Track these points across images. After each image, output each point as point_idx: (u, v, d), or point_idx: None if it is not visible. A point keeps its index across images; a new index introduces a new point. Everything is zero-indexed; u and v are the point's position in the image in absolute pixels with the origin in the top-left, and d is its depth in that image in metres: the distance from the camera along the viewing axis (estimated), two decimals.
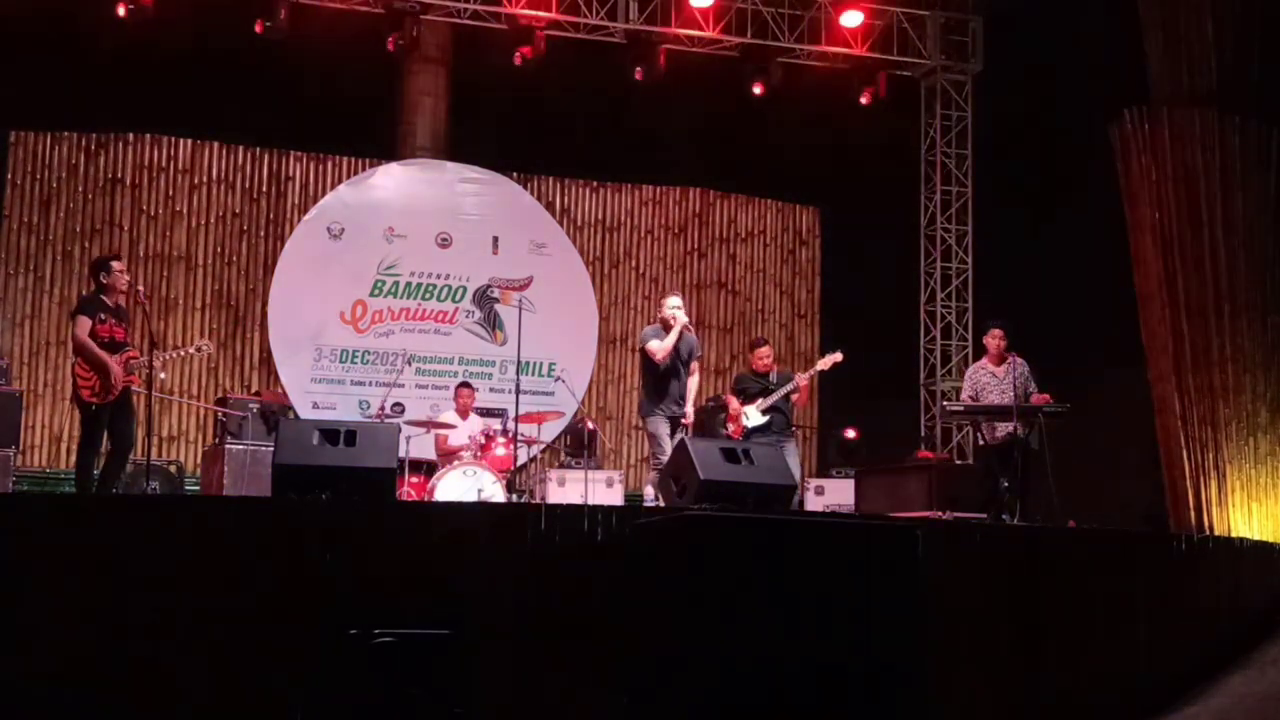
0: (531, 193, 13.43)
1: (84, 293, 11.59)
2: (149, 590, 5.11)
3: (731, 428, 9.10)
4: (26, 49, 10.99)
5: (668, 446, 8.02)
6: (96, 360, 7.35)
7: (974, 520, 8.86)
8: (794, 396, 9.01)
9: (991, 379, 8.94)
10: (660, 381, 8.31)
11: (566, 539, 5.54)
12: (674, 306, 8.43)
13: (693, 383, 8.51)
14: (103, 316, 7.50)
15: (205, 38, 11.36)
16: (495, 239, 12.95)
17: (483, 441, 9.79)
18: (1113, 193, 10.61)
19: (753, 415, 8.90)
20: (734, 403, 9.15)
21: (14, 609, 4.99)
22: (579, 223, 13.88)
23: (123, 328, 7.64)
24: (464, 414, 10.38)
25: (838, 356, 9.01)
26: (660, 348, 8.26)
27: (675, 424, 8.31)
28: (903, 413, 13.10)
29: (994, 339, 8.99)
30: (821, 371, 9.13)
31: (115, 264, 7.68)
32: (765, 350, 9.17)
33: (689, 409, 8.43)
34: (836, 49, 12.72)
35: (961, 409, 9.41)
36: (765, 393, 8.93)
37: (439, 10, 12.09)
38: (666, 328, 8.38)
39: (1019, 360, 8.94)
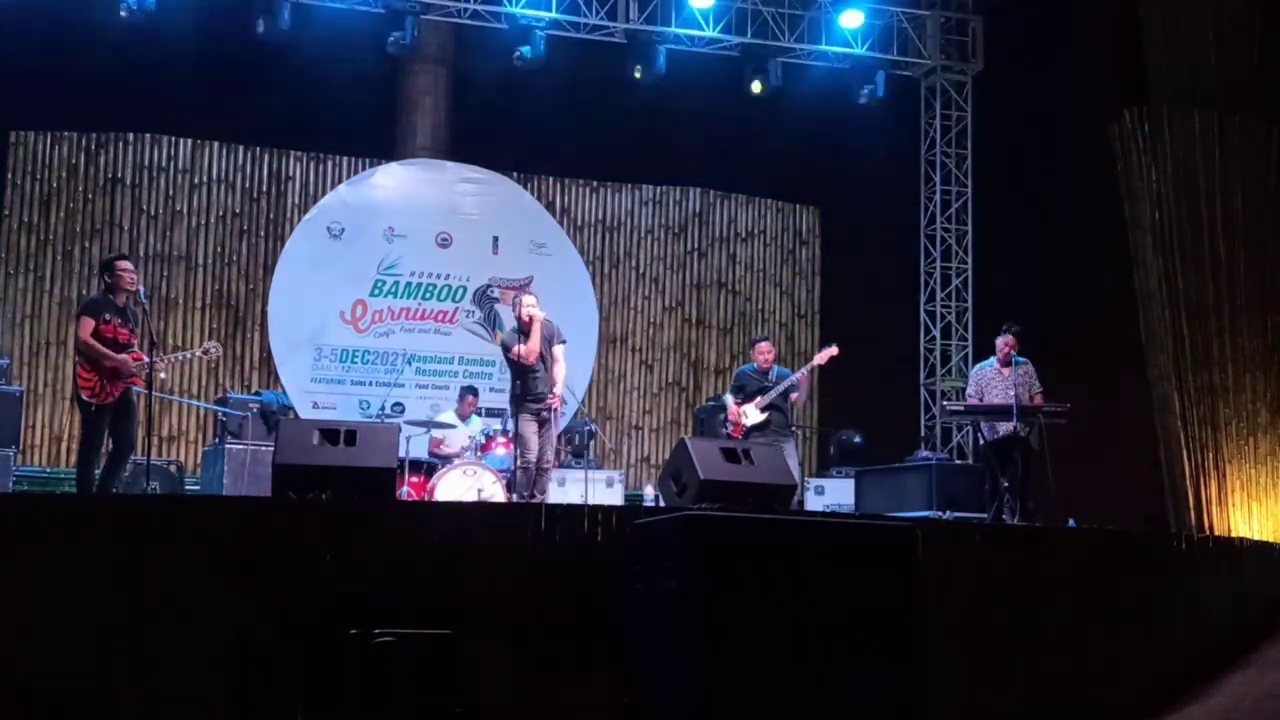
0: (531, 193, 13.42)
1: (85, 293, 11.64)
2: (149, 590, 5.11)
3: (731, 428, 9.13)
4: (26, 49, 10.98)
5: (534, 446, 8.39)
6: (103, 360, 7.30)
7: (974, 520, 8.88)
8: (793, 395, 9.04)
9: (997, 376, 9.01)
10: (527, 379, 8.52)
11: (566, 539, 5.54)
12: (529, 305, 8.65)
13: (559, 367, 8.70)
14: (107, 317, 7.40)
15: (205, 38, 11.36)
16: (495, 239, 12.92)
17: (482, 442, 9.80)
18: (1113, 192, 10.60)
19: (751, 413, 8.96)
20: (732, 404, 9.17)
21: (14, 609, 4.98)
22: (579, 223, 13.89)
23: (128, 328, 7.54)
24: (464, 417, 10.39)
25: (833, 350, 9.03)
26: (525, 350, 8.48)
27: (543, 422, 8.54)
28: (903, 413, 13.10)
29: (1005, 344, 9.00)
30: (820, 366, 9.15)
31: (120, 264, 7.62)
32: (765, 346, 9.22)
33: (558, 389, 8.65)
34: (836, 49, 12.72)
35: (962, 409, 9.45)
36: (763, 391, 8.96)
37: (439, 10, 12.09)
38: (525, 330, 8.56)
39: (1025, 361, 8.96)
